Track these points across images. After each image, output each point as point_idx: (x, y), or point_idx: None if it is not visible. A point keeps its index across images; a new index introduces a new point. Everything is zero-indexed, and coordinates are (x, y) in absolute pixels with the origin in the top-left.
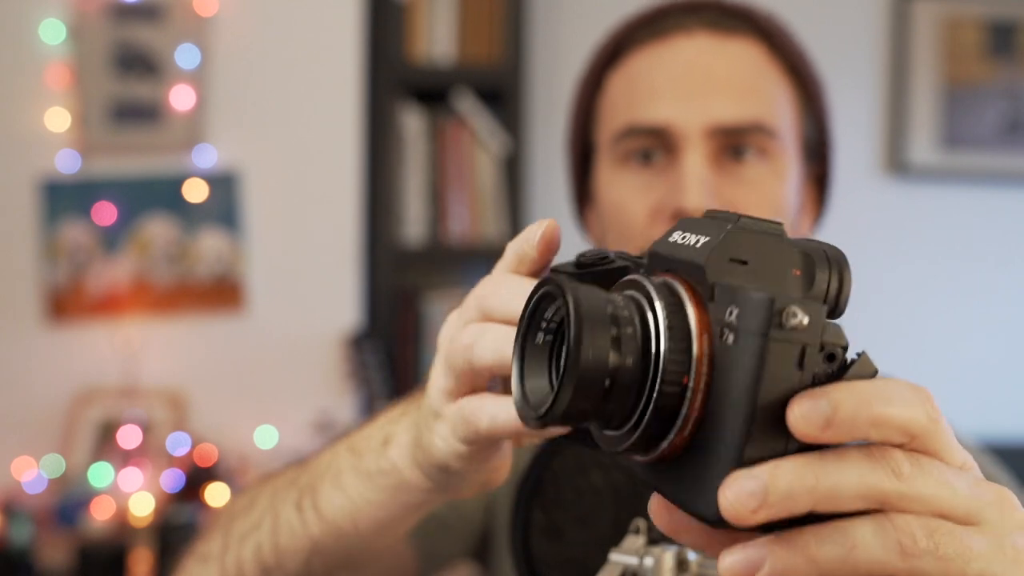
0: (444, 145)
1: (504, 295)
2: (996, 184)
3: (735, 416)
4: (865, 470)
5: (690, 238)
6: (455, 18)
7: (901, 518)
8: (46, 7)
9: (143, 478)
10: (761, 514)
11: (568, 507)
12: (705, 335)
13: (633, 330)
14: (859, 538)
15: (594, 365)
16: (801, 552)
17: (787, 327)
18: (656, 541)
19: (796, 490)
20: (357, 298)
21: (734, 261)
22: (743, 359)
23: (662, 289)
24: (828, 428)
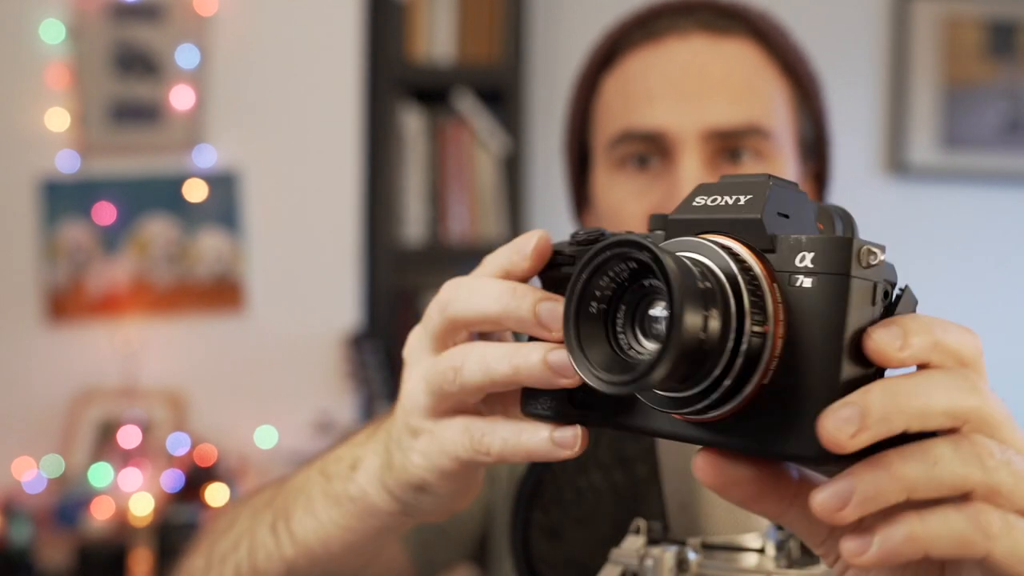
0: (444, 145)
1: (467, 297)
2: (996, 184)
3: (825, 353)
4: (948, 387)
5: (724, 200)
6: (455, 18)
7: (977, 436)
8: (46, 7)
9: (143, 478)
10: (861, 437)
11: (568, 507)
12: (775, 284)
13: (714, 288)
14: (941, 454)
15: (693, 327)
16: (887, 472)
17: (865, 265)
18: (656, 541)
19: (890, 410)
20: (357, 298)
21: (780, 215)
22: (826, 299)
23: (720, 248)
24: (903, 350)
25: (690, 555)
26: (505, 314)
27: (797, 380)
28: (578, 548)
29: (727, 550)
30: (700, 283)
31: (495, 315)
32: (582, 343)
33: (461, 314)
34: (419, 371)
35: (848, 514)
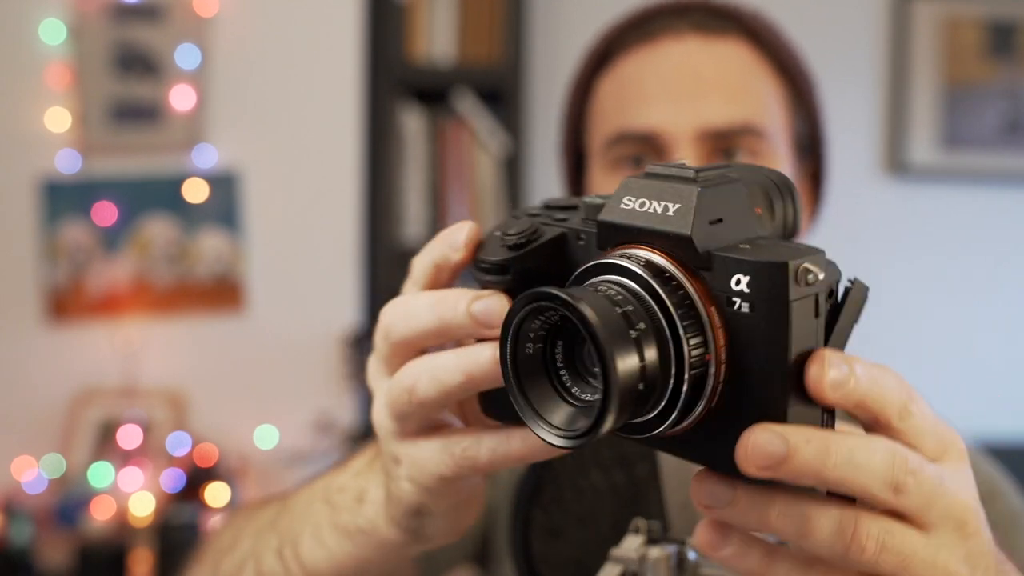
0: (444, 145)
1: (404, 319)
2: (996, 184)
3: (768, 379)
4: (875, 464)
5: (653, 205)
6: (455, 18)
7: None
8: (46, 7)
9: (143, 478)
10: (765, 473)
11: (568, 507)
12: (712, 307)
13: (646, 325)
14: (818, 526)
15: (628, 378)
16: (763, 516)
17: (804, 284)
18: (656, 541)
19: (810, 466)
20: (357, 298)
21: (713, 223)
22: (767, 326)
23: (650, 269)
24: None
25: (690, 555)
26: (443, 325)
27: (743, 402)
28: (578, 548)
29: None
30: (627, 325)
31: (434, 329)
32: (526, 394)
33: (403, 336)
34: (380, 398)
35: (716, 515)
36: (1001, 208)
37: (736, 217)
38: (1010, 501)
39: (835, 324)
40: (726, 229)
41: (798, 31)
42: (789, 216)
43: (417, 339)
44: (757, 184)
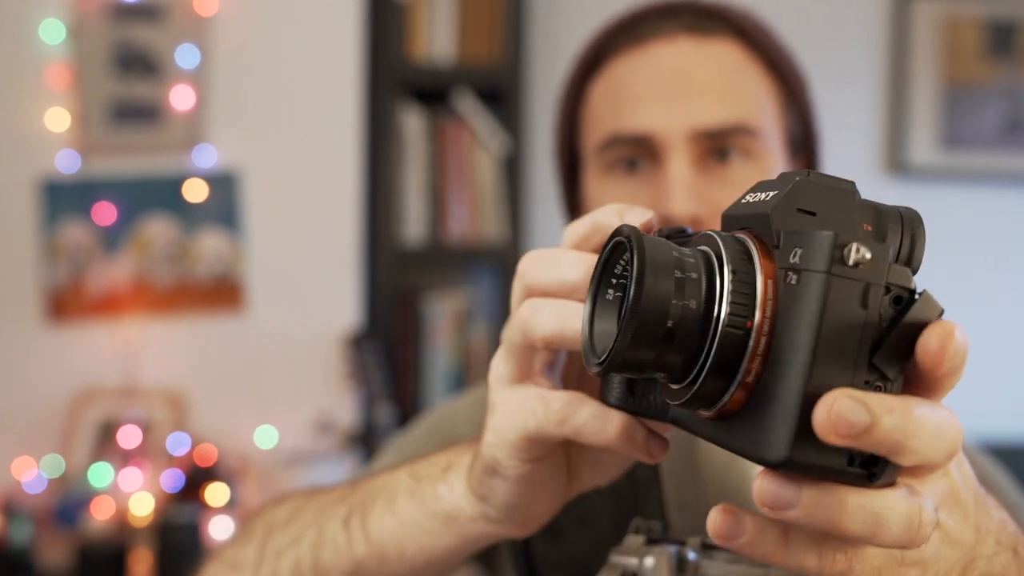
0: (444, 145)
1: (544, 265)
2: (996, 184)
3: (798, 353)
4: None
5: (761, 195)
6: (455, 18)
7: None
8: (46, 7)
9: (143, 478)
10: (845, 441)
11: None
12: (770, 280)
13: (698, 276)
14: (889, 519)
15: (655, 306)
16: (833, 509)
17: (850, 263)
18: (656, 541)
19: (898, 434)
20: (357, 298)
21: (802, 212)
22: (806, 296)
23: (730, 240)
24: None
25: (690, 555)
26: (582, 280)
27: (774, 381)
28: (578, 548)
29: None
30: (675, 266)
31: (571, 283)
32: (593, 320)
33: (536, 281)
34: (503, 344)
35: (781, 516)
36: (1001, 208)
37: (832, 218)
38: (1007, 494)
39: (889, 333)
40: (816, 221)
41: (798, 31)
42: (904, 248)
43: (552, 288)
44: (875, 206)
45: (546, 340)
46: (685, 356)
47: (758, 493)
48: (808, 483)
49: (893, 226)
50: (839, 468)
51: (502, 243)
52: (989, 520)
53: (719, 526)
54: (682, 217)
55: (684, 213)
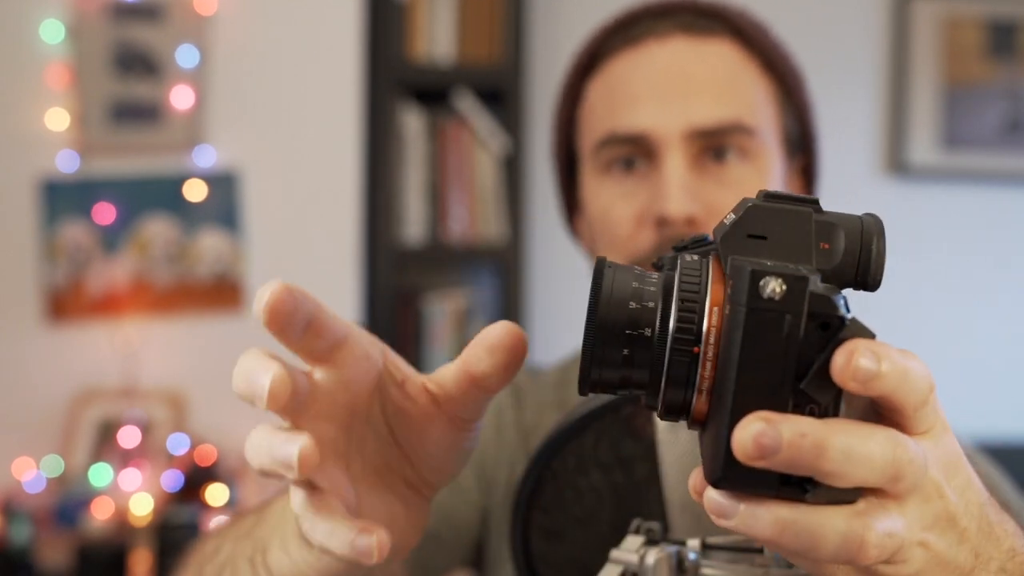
0: (444, 145)
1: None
2: (996, 184)
3: (727, 381)
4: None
5: (729, 217)
6: (455, 18)
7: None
8: (46, 7)
9: (143, 478)
10: (759, 463)
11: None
12: (716, 308)
13: (655, 304)
14: (826, 535)
15: (608, 336)
16: (763, 519)
17: (764, 296)
18: (656, 541)
19: (804, 454)
20: (357, 298)
21: (752, 237)
22: (733, 327)
23: (693, 266)
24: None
25: (690, 555)
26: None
27: (716, 404)
28: (578, 548)
29: (727, 550)
30: (632, 295)
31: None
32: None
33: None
34: None
35: (723, 525)
36: (1001, 208)
37: (785, 240)
38: (1004, 493)
39: (816, 356)
40: (765, 247)
41: (798, 31)
42: (862, 260)
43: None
44: (831, 220)
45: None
46: (650, 376)
47: (705, 501)
48: (747, 497)
49: (850, 241)
50: (772, 487)
51: (502, 243)
52: (995, 548)
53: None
54: (678, 217)
55: (679, 213)
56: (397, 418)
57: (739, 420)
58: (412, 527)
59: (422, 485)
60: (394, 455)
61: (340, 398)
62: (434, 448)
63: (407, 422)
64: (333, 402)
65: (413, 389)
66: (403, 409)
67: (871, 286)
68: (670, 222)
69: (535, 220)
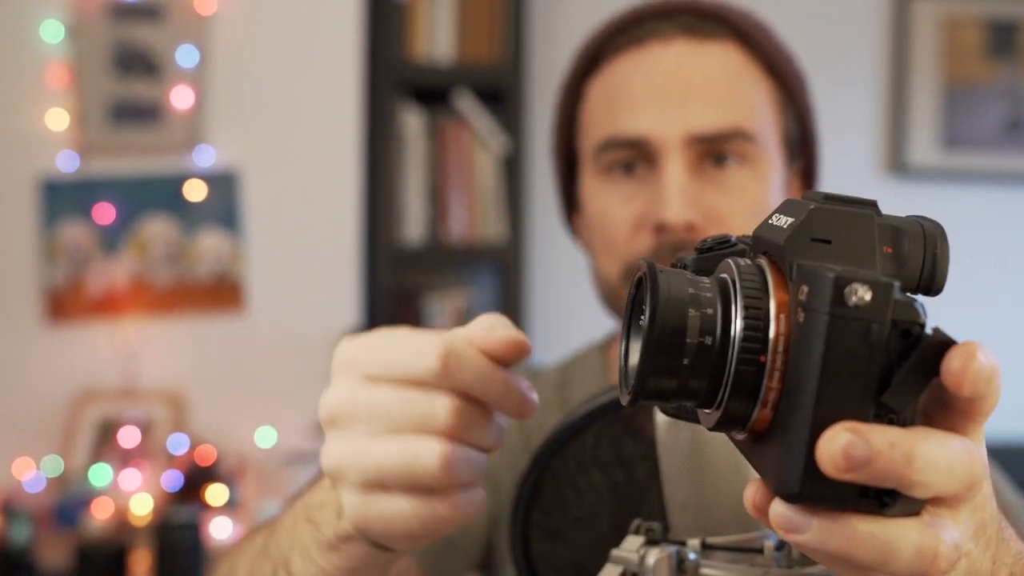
0: (444, 145)
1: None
2: (996, 184)
3: (806, 391)
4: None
5: (783, 220)
6: (455, 18)
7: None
8: (46, 7)
9: (143, 478)
10: (848, 475)
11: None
12: (782, 315)
13: (713, 311)
14: (900, 548)
15: (669, 342)
16: (842, 537)
17: (850, 304)
18: (656, 541)
19: (897, 467)
20: (357, 298)
21: (817, 240)
22: (811, 336)
23: (750, 270)
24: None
25: (690, 555)
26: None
27: (788, 415)
28: (578, 548)
29: (727, 550)
30: (690, 300)
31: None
32: (628, 351)
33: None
34: None
35: (793, 540)
36: (1001, 208)
37: (849, 244)
38: (1005, 495)
39: (899, 367)
40: (831, 252)
41: (798, 31)
42: (926, 265)
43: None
44: (894, 224)
45: None
46: (708, 384)
47: (773, 516)
48: (821, 511)
49: (914, 246)
50: (851, 500)
51: (502, 243)
52: (1007, 553)
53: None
54: (677, 223)
55: (678, 219)
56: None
57: (820, 432)
58: None
59: None
60: None
61: None
62: None
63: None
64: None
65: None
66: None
67: (934, 292)
68: (669, 228)
69: (535, 220)
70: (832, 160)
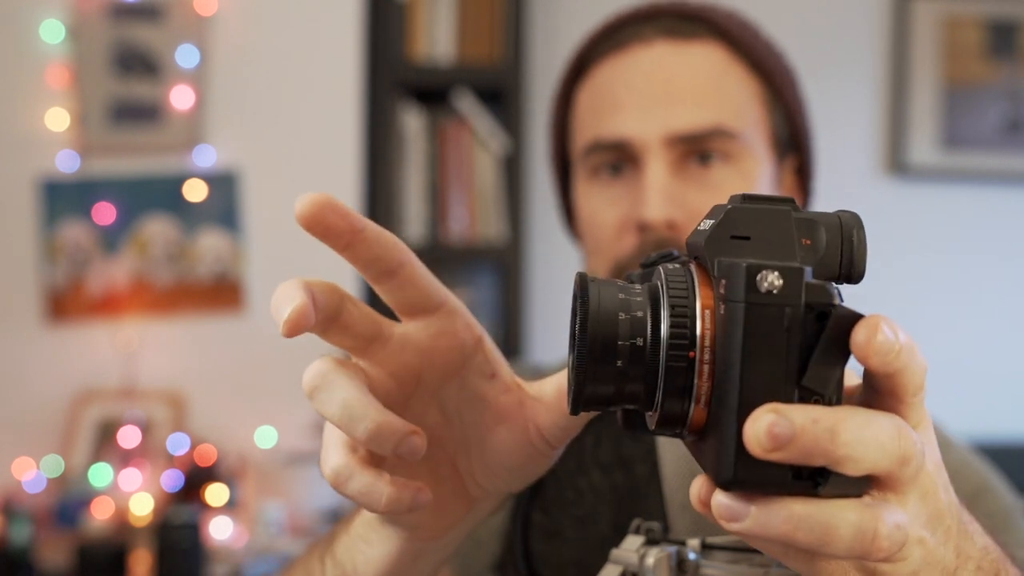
0: (444, 145)
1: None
2: (996, 184)
3: (731, 379)
4: (881, 434)
5: (707, 223)
6: (455, 18)
7: (887, 514)
8: (46, 7)
9: (143, 478)
10: (775, 455)
11: (568, 507)
12: (707, 311)
13: (643, 313)
14: (838, 526)
15: (602, 346)
16: (779, 517)
17: (763, 291)
18: (656, 541)
19: (818, 443)
20: (357, 298)
21: (736, 238)
22: (732, 325)
23: (677, 273)
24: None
25: (690, 555)
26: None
27: (719, 405)
28: (578, 549)
29: (727, 550)
30: (620, 306)
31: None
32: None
33: None
34: None
35: (735, 528)
36: (1001, 208)
37: (768, 240)
38: (1001, 498)
39: (814, 347)
40: (750, 248)
41: (798, 31)
42: (844, 254)
43: None
44: (811, 217)
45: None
46: (645, 387)
47: (714, 507)
48: (758, 497)
49: (831, 236)
50: (785, 482)
51: (502, 243)
52: (972, 546)
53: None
54: (657, 221)
55: (658, 217)
56: (472, 404)
57: (747, 417)
58: (443, 511)
59: (470, 481)
60: (452, 437)
61: (410, 359)
62: (500, 446)
63: (481, 411)
64: (400, 360)
65: (500, 385)
66: (482, 398)
67: (855, 279)
68: (650, 226)
69: (535, 220)
70: (832, 160)
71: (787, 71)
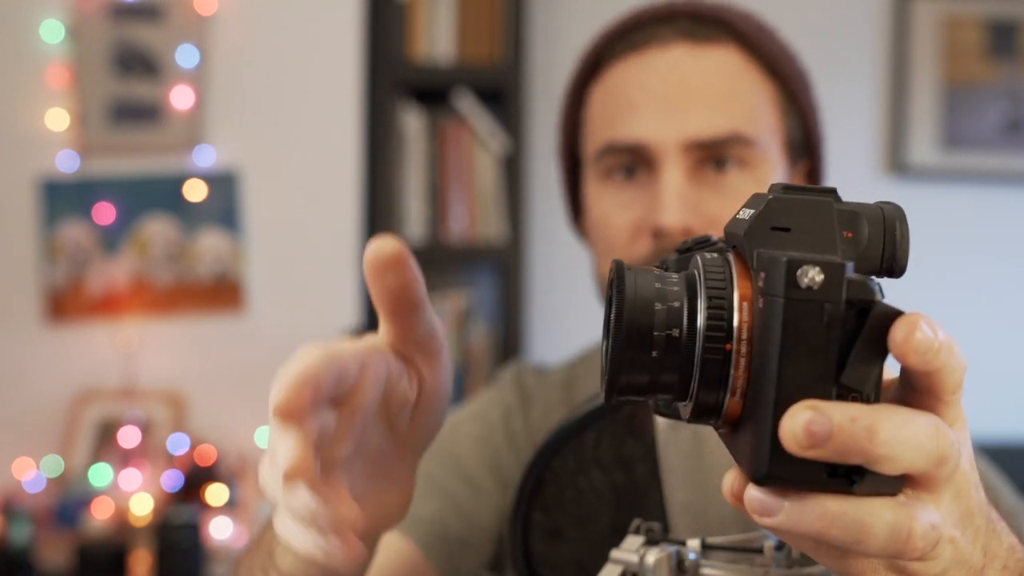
0: (444, 145)
1: None
2: (996, 184)
3: (768, 374)
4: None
5: (747, 212)
6: (455, 18)
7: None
8: (46, 7)
9: (143, 478)
10: (810, 452)
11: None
12: (746, 303)
13: (680, 304)
14: (874, 525)
15: (637, 336)
16: (813, 514)
17: (803, 286)
18: (656, 541)
19: (856, 441)
20: (357, 298)
21: (776, 229)
22: (770, 320)
23: (715, 263)
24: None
25: (690, 555)
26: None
27: (755, 399)
28: (578, 548)
29: (727, 550)
30: (656, 296)
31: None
32: (608, 351)
33: None
34: None
35: (767, 523)
36: (1001, 208)
37: (809, 231)
38: (1005, 497)
39: (853, 343)
40: (791, 239)
41: (798, 31)
42: (887, 247)
43: None
44: (853, 209)
45: None
46: (680, 377)
47: (747, 501)
48: (792, 493)
49: (874, 229)
50: (820, 479)
51: (502, 243)
52: (999, 545)
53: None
54: (674, 228)
55: (675, 224)
56: (399, 408)
57: (783, 413)
58: (401, 502)
59: (409, 454)
60: (390, 441)
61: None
62: (422, 417)
63: (406, 407)
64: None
65: (404, 372)
66: (406, 398)
67: (897, 272)
68: (666, 233)
69: (535, 220)
70: (832, 160)
71: (802, 74)
